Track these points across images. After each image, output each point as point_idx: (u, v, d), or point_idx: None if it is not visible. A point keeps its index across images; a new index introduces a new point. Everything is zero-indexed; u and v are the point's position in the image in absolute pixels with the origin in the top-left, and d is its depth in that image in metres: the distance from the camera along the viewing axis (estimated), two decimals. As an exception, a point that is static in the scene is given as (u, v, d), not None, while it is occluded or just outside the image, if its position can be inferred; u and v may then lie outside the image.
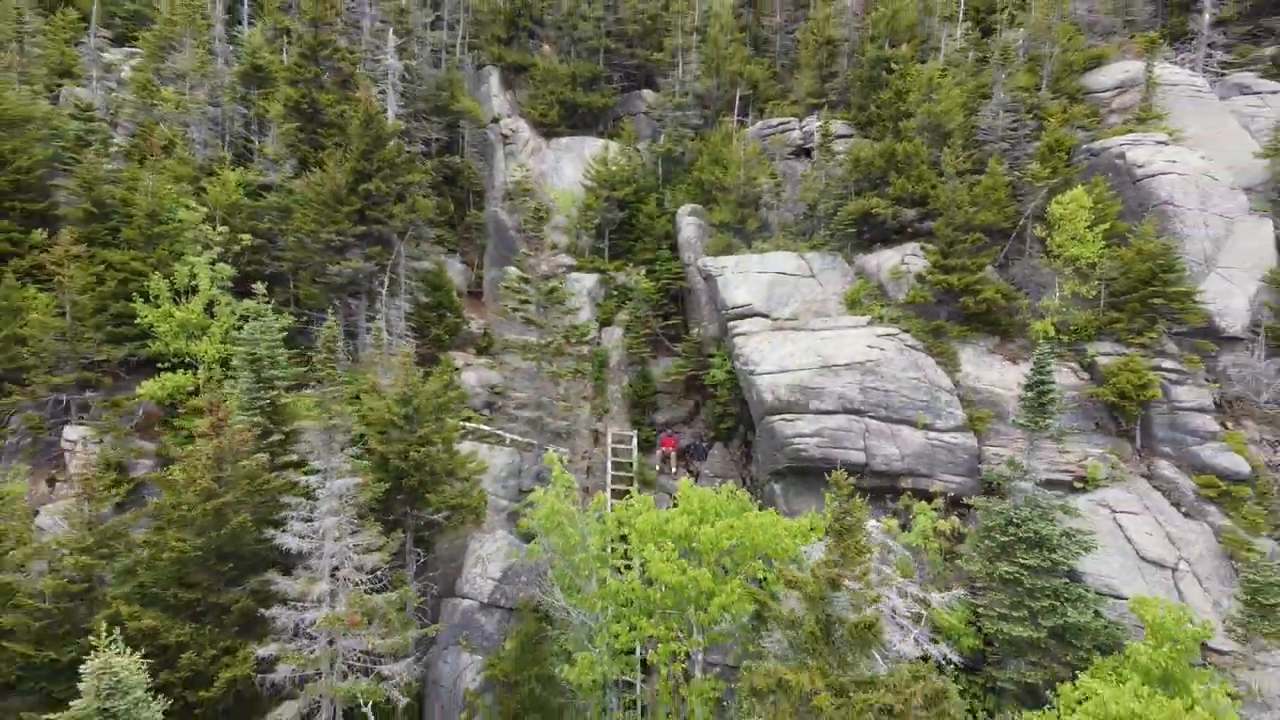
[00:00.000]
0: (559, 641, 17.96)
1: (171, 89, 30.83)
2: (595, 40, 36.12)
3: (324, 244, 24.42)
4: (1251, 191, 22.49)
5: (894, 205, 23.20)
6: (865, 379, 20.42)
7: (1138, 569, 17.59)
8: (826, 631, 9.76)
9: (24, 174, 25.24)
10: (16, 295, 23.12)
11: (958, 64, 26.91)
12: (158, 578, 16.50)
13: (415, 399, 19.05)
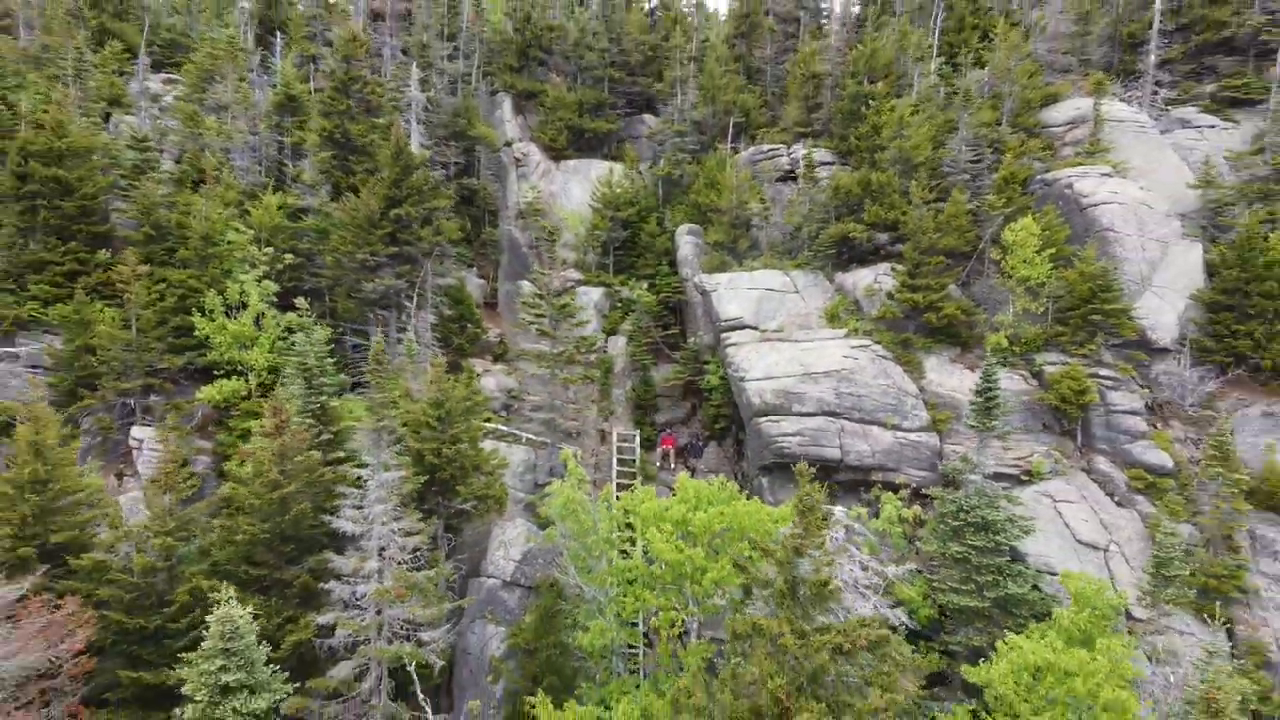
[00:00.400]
0: (572, 614, 20.34)
1: (214, 119, 33.34)
2: (600, 70, 38.56)
3: (359, 264, 26.87)
4: (1185, 218, 24.95)
5: (869, 230, 25.66)
6: (841, 385, 22.86)
7: (1074, 550, 20.04)
8: (792, 589, 12.17)
9: (89, 200, 27.63)
10: (86, 310, 25.55)
11: (929, 98, 29.39)
12: (230, 557, 18.93)
13: (446, 403, 21.48)
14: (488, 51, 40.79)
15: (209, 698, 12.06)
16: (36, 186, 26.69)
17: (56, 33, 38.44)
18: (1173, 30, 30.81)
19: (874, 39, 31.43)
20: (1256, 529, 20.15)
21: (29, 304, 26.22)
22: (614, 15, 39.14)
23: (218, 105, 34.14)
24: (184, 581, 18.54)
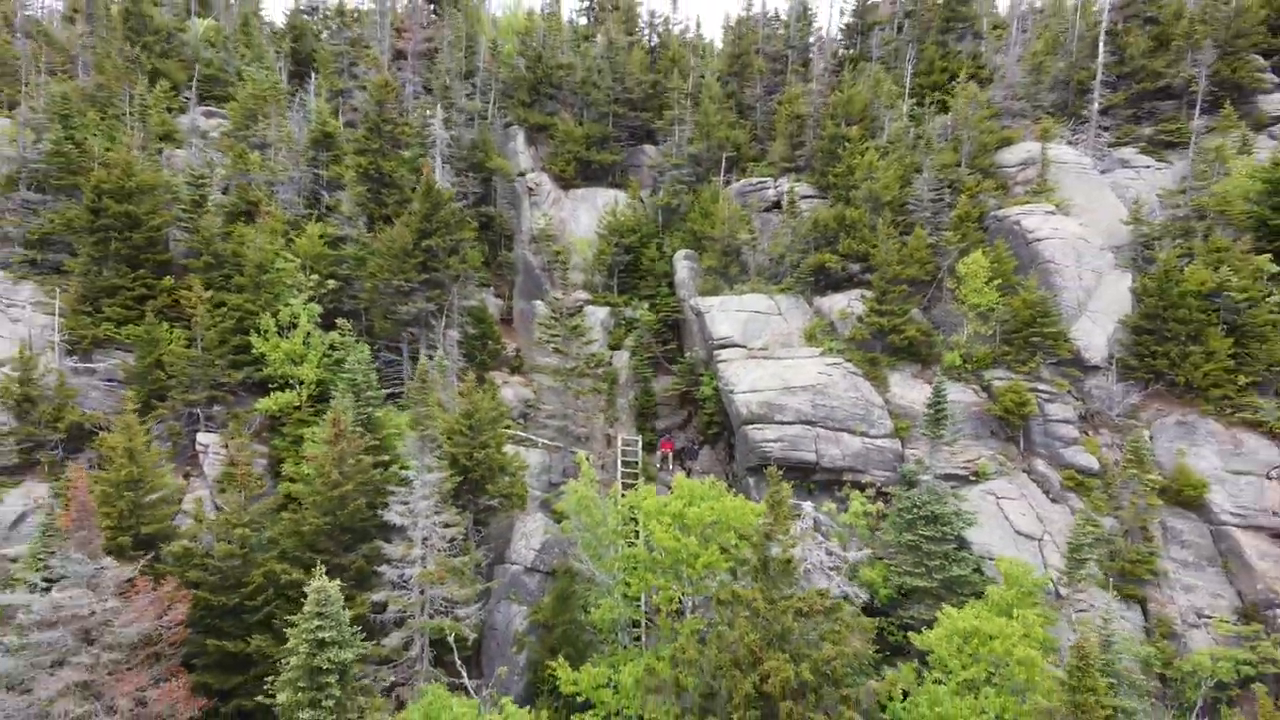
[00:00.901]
0: (585, 595, 23.31)
1: (257, 154, 36.37)
2: (605, 106, 41.63)
3: (394, 289, 29.92)
4: (1118, 250, 28.02)
5: (843, 260, 28.71)
6: (817, 398, 25.91)
7: (1013, 540, 23.09)
8: (764, 566, 15.17)
9: (154, 232, 30.70)
10: (156, 330, 28.58)
11: (898, 139, 32.48)
12: (295, 545, 21.96)
13: (476, 414, 24.53)
14: (502, 88, 43.79)
15: (308, 650, 15.08)
16: (109, 220, 29.70)
17: (109, 73, 41.47)
18: (1117, 78, 33.89)
19: (851, 86, 34.51)
20: (1167, 521, 23.22)
21: (104, 325, 29.28)
22: (617, 56, 42.18)
23: (262, 142, 37.22)
24: (257, 566, 21.60)
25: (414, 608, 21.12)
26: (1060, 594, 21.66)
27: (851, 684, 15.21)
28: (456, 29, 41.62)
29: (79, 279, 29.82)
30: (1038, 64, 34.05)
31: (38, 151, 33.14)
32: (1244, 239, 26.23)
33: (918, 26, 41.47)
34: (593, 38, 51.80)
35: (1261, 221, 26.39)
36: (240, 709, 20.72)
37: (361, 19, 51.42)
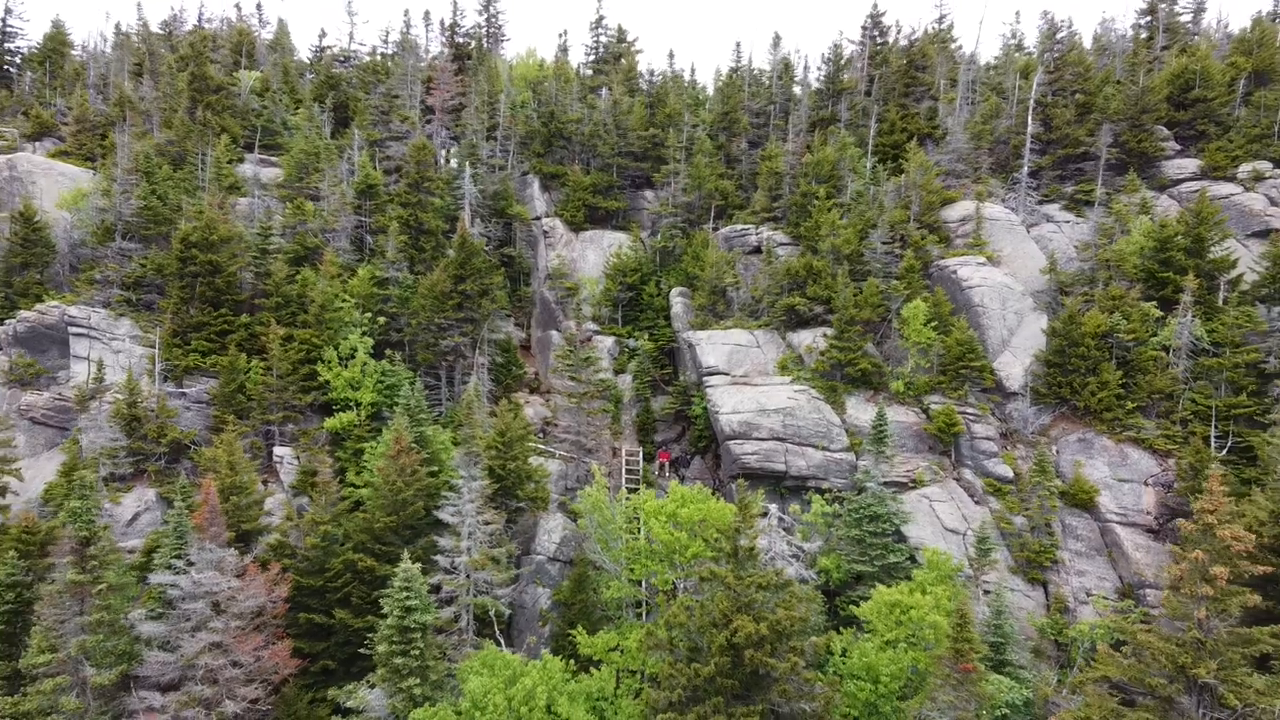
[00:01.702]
0: (596, 580, 28.10)
1: (311, 205, 41.24)
2: (609, 158, 46.57)
3: (434, 325, 34.81)
4: (1037, 295, 32.97)
5: (810, 302, 33.63)
6: (786, 418, 30.79)
7: (942, 535, 27.96)
8: (735, 552, 19.96)
9: (232, 276, 35.61)
10: (237, 360, 33.45)
11: (861, 194, 37.44)
12: (365, 539, 26.75)
13: (508, 432, 29.40)
14: (520, 140, 48.66)
15: (400, 614, 19.89)
16: (195, 267, 34.59)
17: (177, 128, 46.33)
18: (1045, 143, 38.88)
19: (821, 149, 39.47)
20: (1065, 519, 28.14)
21: (193, 355, 34.15)
22: (621, 117, 47.15)
23: (315, 194, 42.12)
24: (337, 556, 26.45)
25: (462, 588, 25.84)
26: (971, 576, 26.55)
27: (798, 639, 19.96)
28: (480, 91, 46.55)
29: (171, 316, 34.68)
30: (977, 132, 39.06)
31: (129, 204, 37.98)
32: (1136, 288, 31.19)
33: (882, 88, 46.52)
34: (598, 89, 56.80)
35: (1150, 274, 31.37)
36: (325, 669, 25.53)
37: (390, 71, 56.27)
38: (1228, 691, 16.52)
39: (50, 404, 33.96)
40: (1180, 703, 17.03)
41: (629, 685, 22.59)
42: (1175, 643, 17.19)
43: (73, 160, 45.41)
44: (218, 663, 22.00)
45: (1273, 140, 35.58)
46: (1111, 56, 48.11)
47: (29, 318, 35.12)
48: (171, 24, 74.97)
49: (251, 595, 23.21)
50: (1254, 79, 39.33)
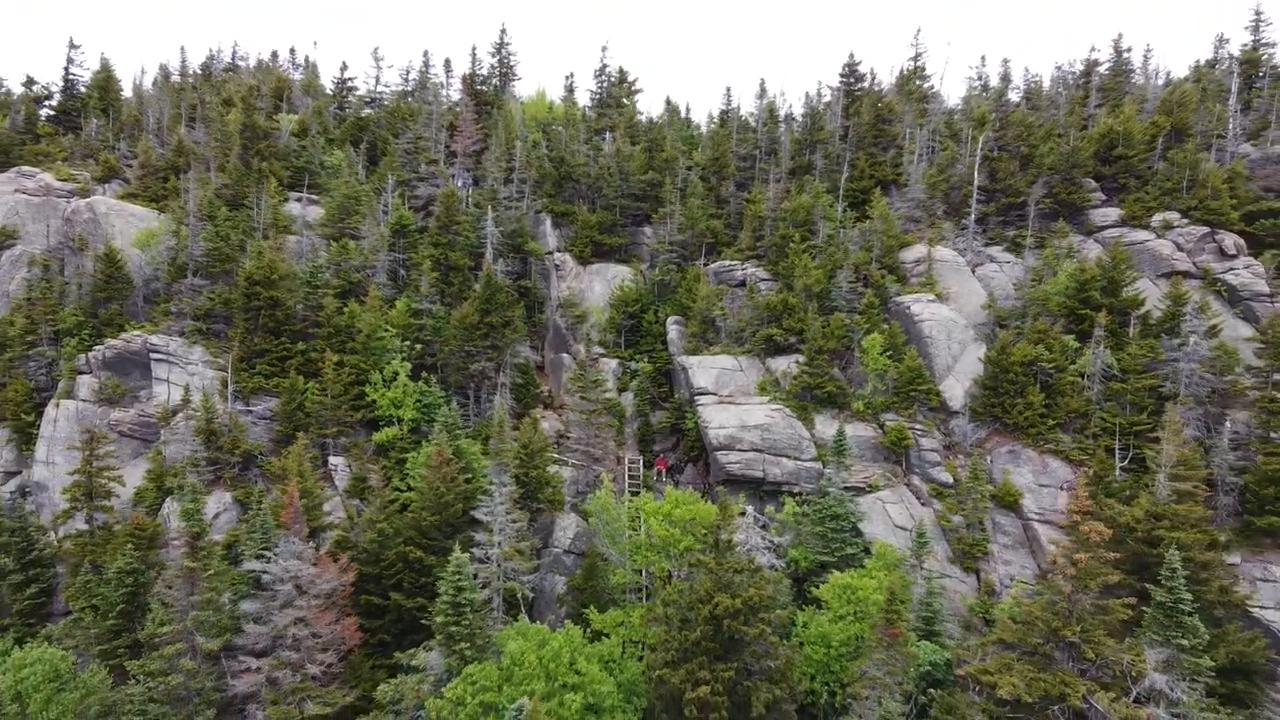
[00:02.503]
0: (604, 569, 32.73)
1: (353, 243, 46.00)
2: (613, 199, 51.40)
3: (464, 351, 39.54)
4: (978, 328, 37.79)
5: (785, 333, 38.40)
6: (764, 433, 35.55)
7: (892, 531, 32.69)
8: (717, 544, 24.66)
9: (289, 310, 40.35)
10: (296, 382, 38.16)
11: (832, 237, 42.26)
12: (413, 536, 31.44)
13: (531, 444, 34.13)
14: (534, 180, 53.44)
15: (453, 592, 24.58)
16: (259, 302, 39.35)
17: (230, 173, 51.10)
18: (991, 192, 43.74)
19: (798, 196, 44.33)
20: (996, 518, 32.89)
21: (257, 378, 38.88)
22: (623, 162, 52.00)
23: (355, 233, 46.89)
24: (391, 549, 31.12)
25: (493, 575, 30.55)
26: (921, 566, 31.28)
27: (766, 612, 24.63)
28: (499, 140, 51.40)
29: (238, 344, 39.41)
30: (933, 182, 43.92)
31: (198, 245, 42.71)
32: (1059, 322, 36.01)
33: (855, 136, 51.42)
34: (602, 132, 61.66)
35: (1071, 310, 36.19)
36: (382, 640, 30.15)
37: (414, 113, 61.03)
38: (1087, 648, 21.29)
39: (135, 419, 38.69)
40: (1054, 657, 21.79)
41: (632, 652, 27.27)
42: (1051, 612, 21.96)
43: (139, 201, 50.14)
44: (302, 633, 26.69)
45: (1182, 193, 40.45)
46: (1056, 107, 53.09)
47: (116, 345, 39.84)
48: (210, 64, 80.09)
49: (326, 580, 27.93)
50: (1172, 135, 44.25)
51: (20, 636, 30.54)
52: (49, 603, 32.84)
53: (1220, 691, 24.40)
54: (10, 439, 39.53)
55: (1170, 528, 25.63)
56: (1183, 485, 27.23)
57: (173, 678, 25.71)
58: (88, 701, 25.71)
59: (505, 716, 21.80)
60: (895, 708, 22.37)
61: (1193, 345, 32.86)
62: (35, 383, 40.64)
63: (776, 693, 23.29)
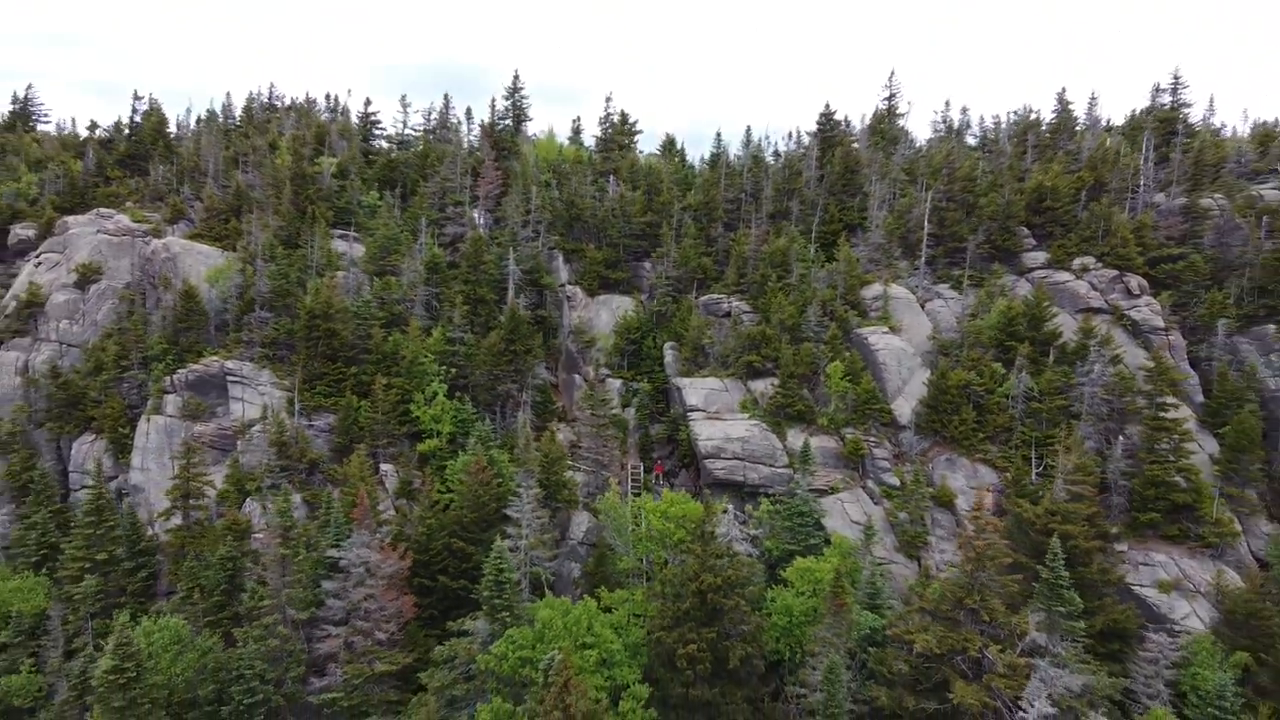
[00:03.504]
0: (613, 558, 38.40)
1: (394, 279, 51.76)
2: (617, 239, 57.25)
3: (492, 375, 45.31)
4: (924, 355, 43.64)
5: (763, 359, 44.21)
6: (744, 444, 41.28)
7: (849, 525, 38.39)
8: (702, 535, 30.37)
9: (343, 339, 46.09)
10: (351, 401, 43.88)
11: (804, 275, 48.15)
12: (457, 528, 37.15)
13: (550, 453, 39.88)
14: (548, 222, 59.22)
15: (495, 570, 30.28)
16: (318, 333, 45.12)
17: (284, 215, 56.88)
18: (940, 237, 49.69)
19: (775, 241, 50.27)
20: (935, 515, 38.64)
21: (317, 397, 44.62)
22: (625, 205, 57.94)
23: (395, 270, 52.69)
24: (437, 540, 36.81)
25: (522, 562, 36.28)
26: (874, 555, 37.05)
27: (742, 589, 30.29)
28: (517, 187, 57.33)
29: (301, 368, 45.16)
30: (891, 229, 49.90)
31: (263, 282, 48.47)
32: (990, 352, 41.90)
33: (826, 184, 57.38)
34: (607, 174, 67.53)
35: (1000, 342, 42.09)
36: (431, 615, 35.73)
37: (440, 156, 66.84)
38: (984, 613, 27.05)
39: (215, 432, 44.41)
40: (959, 620, 27.54)
41: (635, 622, 32.91)
42: (958, 585, 27.75)
43: (205, 241, 55.97)
44: (371, 607, 32.38)
45: (1098, 240, 46.39)
46: (1003, 155, 59.15)
47: (197, 369, 45.60)
48: (251, 106, 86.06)
49: (388, 565, 33.62)
50: (1094, 188, 50.27)
51: (135, 613, 36.18)
52: (154, 584, 38.55)
53: (1099, 651, 30.18)
54: (108, 449, 45.23)
55: (1061, 521, 31.42)
56: (1075, 488, 33.06)
57: (270, 641, 31.38)
58: (204, 660, 31.37)
59: (539, 666, 27.51)
60: (840, 660, 28.09)
61: (1097, 372, 38.76)
62: (128, 400, 46.36)
63: (749, 650, 29.01)
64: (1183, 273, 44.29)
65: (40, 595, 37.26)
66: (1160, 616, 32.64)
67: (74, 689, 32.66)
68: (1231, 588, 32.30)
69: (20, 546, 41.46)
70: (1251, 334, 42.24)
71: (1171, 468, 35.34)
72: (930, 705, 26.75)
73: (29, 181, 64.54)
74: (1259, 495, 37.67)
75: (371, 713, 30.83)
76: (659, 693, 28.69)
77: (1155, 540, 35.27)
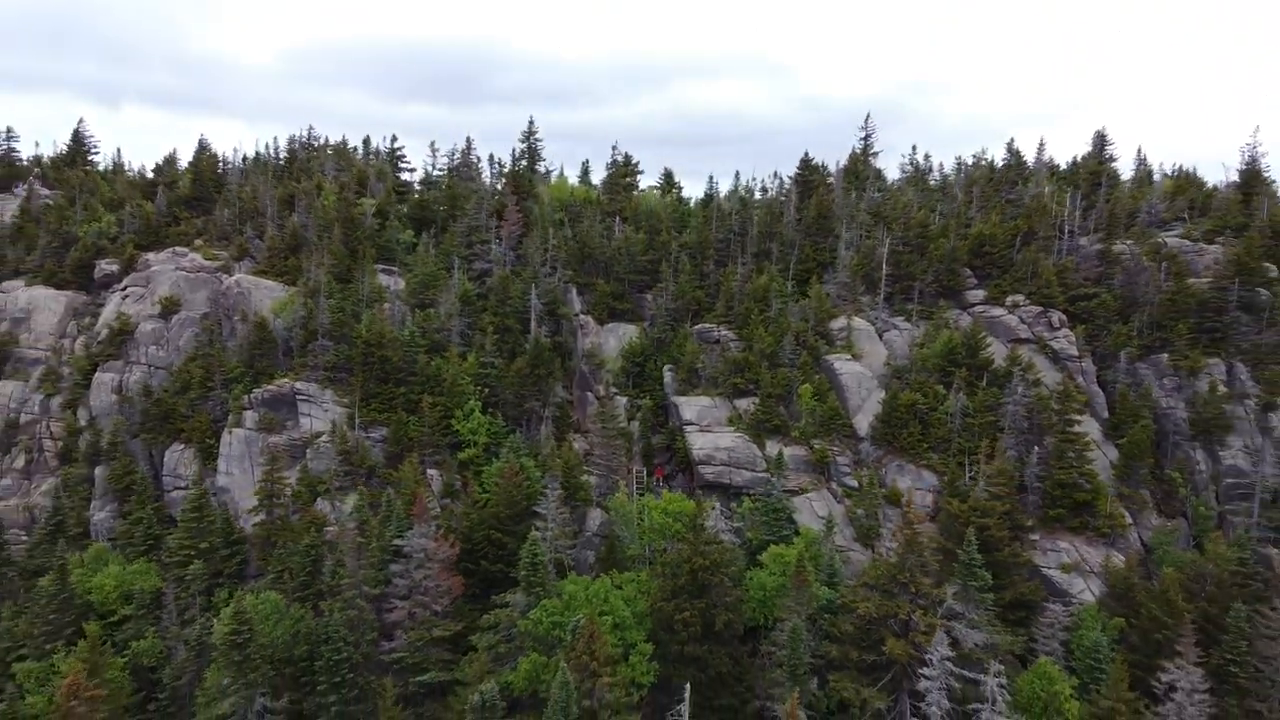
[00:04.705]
0: (621, 546, 44.91)
1: (432, 311, 58.45)
2: (623, 274, 64.03)
3: (519, 394, 51.96)
4: (880, 379, 50.36)
5: (746, 381, 50.91)
6: (730, 453, 47.89)
7: (815, 519, 44.93)
8: (695, 527, 36.91)
9: (394, 364, 52.67)
10: (401, 417, 50.51)
11: (782, 309, 54.95)
12: (495, 522, 43.72)
13: (570, 460, 46.51)
14: (564, 260, 65.99)
15: (530, 555, 36.85)
16: (372, 359, 51.82)
17: (335, 254, 63.57)
18: (898, 276, 56.49)
19: (758, 280, 57.10)
20: (886, 511, 45.24)
21: (372, 413, 51.27)
22: (630, 245, 64.80)
23: (432, 302, 59.38)
24: (478, 532, 43.40)
25: (549, 549, 42.90)
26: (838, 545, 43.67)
27: (725, 569, 36.82)
28: (539, 231, 64.19)
29: (359, 388, 51.81)
30: (855, 269, 56.75)
31: (324, 315, 55.15)
32: (934, 376, 48.64)
33: (803, 226, 64.24)
34: (613, 214, 74.39)
35: (942, 368, 48.85)
36: (474, 592, 42.23)
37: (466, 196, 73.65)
38: (912, 585, 33.67)
39: (287, 442, 51.01)
40: (893, 591, 34.15)
41: (641, 596, 39.51)
42: (892, 565, 34.39)
43: (269, 276, 62.66)
44: (429, 585, 38.95)
45: (1027, 281, 53.24)
46: (955, 199, 66.06)
47: (270, 389, 52.24)
48: (294, 148, 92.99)
49: (441, 552, 40.22)
50: (1028, 235, 57.15)
51: (231, 591, 42.75)
52: (245, 568, 45.14)
53: (1009, 618, 36.78)
54: (196, 456, 51.85)
55: (979, 515, 38.08)
56: (994, 488, 39.77)
57: (350, 612, 37.92)
58: (297, 627, 37.94)
59: (567, 628, 34.11)
60: (802, 625, 34.67)
61: (1020, 394, 45.51)
62: (212, 415, 53.01)
63: (731, 617, 35.61)
64: (1096, 309, 51.13)
65: (153, 576, 43.79)
66: (1061, 591, 39.29)
67: (191, 650, 39.22)
68: (1116, 568, 38.98)
69: (127, 538, 48.05)
70: (1149, 361, 49.05)
71: (1075, 472, 42.03)
72: (870, 657, 33.35)
73: (108, 221, 71.29)
74: (1150, 494, 44.39)
75: (430, 669, 37.30)
76: (660, 650, 35.23)
77: (1061, 531, 41.95)
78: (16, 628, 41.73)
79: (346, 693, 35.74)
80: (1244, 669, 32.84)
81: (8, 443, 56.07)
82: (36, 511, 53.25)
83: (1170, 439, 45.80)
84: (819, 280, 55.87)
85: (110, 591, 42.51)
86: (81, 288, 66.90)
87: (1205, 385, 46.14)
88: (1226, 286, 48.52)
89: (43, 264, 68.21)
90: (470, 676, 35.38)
